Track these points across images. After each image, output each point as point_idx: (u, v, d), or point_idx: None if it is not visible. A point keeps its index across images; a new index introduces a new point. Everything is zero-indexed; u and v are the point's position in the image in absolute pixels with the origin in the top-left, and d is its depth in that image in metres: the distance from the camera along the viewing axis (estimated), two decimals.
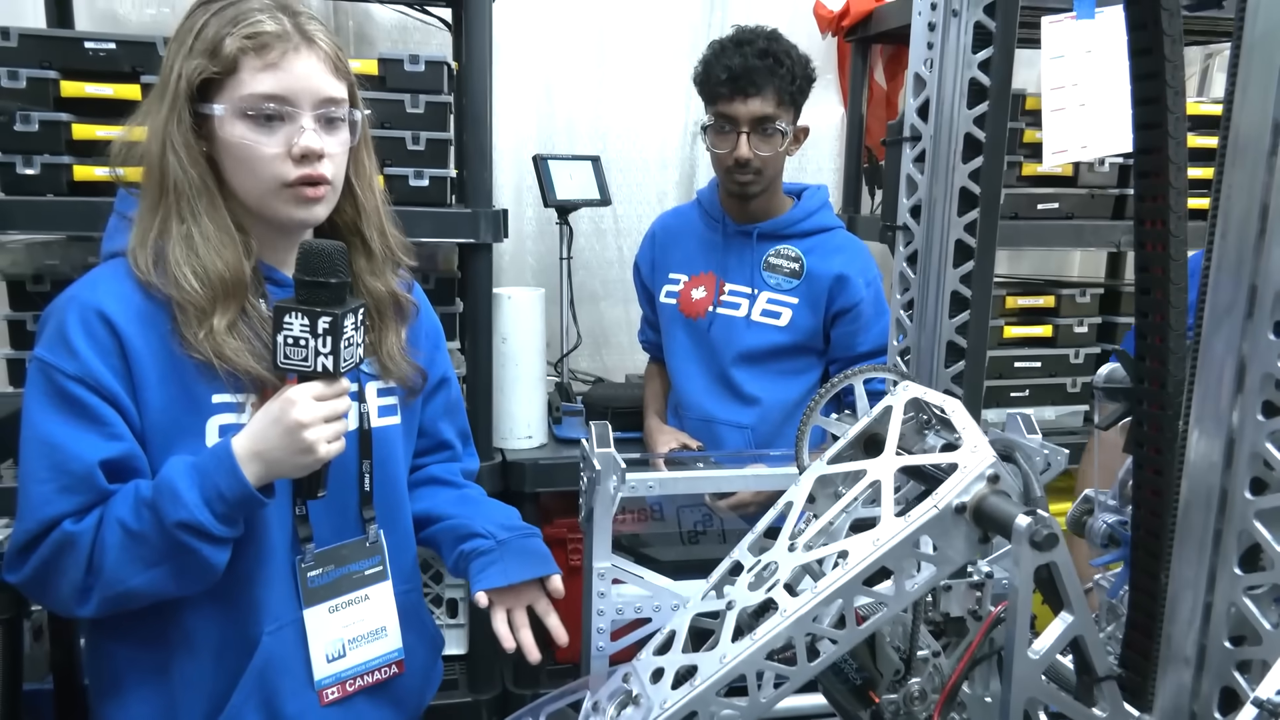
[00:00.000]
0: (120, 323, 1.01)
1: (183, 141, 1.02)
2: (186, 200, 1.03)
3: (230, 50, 1.00)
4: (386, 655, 1.18)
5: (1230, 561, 0.61)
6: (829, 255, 1.89)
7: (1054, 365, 2.40)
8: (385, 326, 1.18)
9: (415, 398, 1.23)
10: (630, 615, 1.16)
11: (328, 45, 1.06)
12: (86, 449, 0.99)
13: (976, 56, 0.91)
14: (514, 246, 2.61)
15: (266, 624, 1.08)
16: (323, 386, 0.98)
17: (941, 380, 0.97)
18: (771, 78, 1.78)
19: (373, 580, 1.17)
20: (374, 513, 1.16)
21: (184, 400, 1.03)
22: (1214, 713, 0.63)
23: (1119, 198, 2.38)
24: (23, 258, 1.89)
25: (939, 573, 0.70)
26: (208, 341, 1.01)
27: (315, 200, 1.06)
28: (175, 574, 0.99)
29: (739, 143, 1.80)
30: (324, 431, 0.98)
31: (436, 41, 2.41)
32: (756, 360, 1.91)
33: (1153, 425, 0.70)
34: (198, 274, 1.01)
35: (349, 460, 1.12)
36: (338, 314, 0.95)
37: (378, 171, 1.18)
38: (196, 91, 1.02)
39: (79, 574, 0.98)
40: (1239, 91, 0.60)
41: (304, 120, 1.03)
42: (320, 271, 0.95)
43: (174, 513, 0.96)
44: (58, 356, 1.00)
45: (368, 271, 1.16)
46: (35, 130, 1.76)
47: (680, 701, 0.69)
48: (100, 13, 2.31)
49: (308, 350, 0.95)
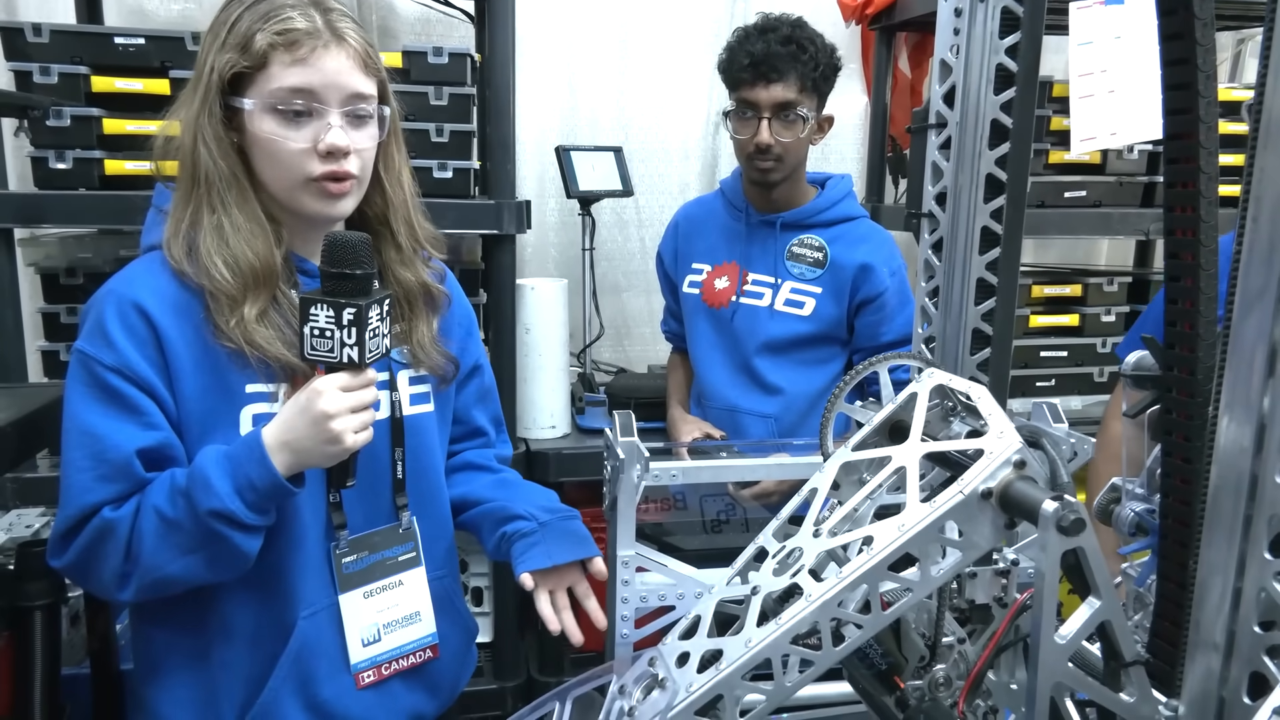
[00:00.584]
0: (156, 315, 1.04)
1: (213, 134, 1.04)
2: (217, 191, 1.05)
3: (261, 45, 1.02)
4: (421, 640, 1.20)
5: (1261, 546, 0.61)
6: (853, 245, 1.89)
7: (1081, 354, 2.38)
8: (416, 316, 1.19)
9: (448, 385, 1.24)
10: (654, 603, 1.17)
11: (358, 42, 1.07)
12: (124, 438, 1.02)
13: (1004, 42, 0.91)
14: (537, 238, 2.62)
15: (301, 609, 1.11)
16: (349, 377, 1.00)
17: (967, 368, 0.97)
18: (794, 64, 1.77)
19: (406, 566, 1.18)
20: (407, 499, 1.18)
21: (218, 389, 1.06)
22: (1243, 698, 0.63)
23: (1148, 185, 2.36)
24: (56, 251, 1.92)
25: (964, 558, 0.70)
26: (238, 330, 1.03)
27: (340, 195, 1.08)
28: (209, 561, 1.02)
29: (760, 128, 1.80)
30: (350, 422, 1.00)
31: (459, 34, 2.42)
32: (780, 350, 1.90)
33: (1182, 413, 0.70)
34: (228, 263, 1.03)
35: (381, 448, 1.14)
36: (362, 305, 0.96)
37: (408, 165, 1.19)
38: (228, 85, 1.04)
39: (118, 560, 1.02)
40: (1271, 76, 0.59)
41: (331, 117, 1.04)
42: (345, 263, 0.96)
43: (207, 501, 0.98)
44: (96, 348, 1.03)
45: (397, 262, 1.17)
46: (67, 125, 1.79)
47: (706, 685, 0.70)
48: (129, 8, 2.34)
49: (333, 341, 0.97)
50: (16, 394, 1.33)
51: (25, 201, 1.80)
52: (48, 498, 1.76)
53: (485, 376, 1.35)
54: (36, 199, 1.81)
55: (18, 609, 1.17)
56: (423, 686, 1.22)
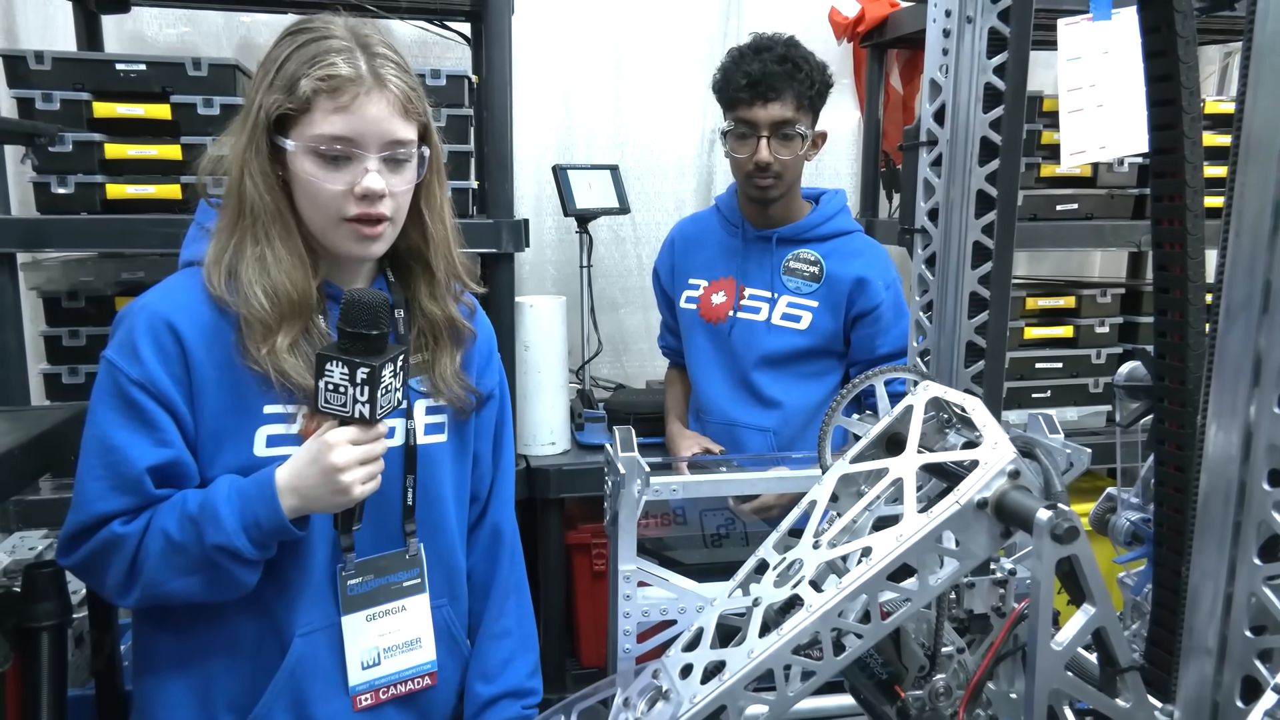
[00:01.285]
0: (186, 334, 1.07)
1: (260, 169, 1.08)
2: (262, 224, 1.08)
3: (305, 90, 1.05)
4: (420, 666, 1.20)
5: (1250, 552, 0.62)
6: (848, 259, 1.91)
7: (1075, 366, 2.40)
8: (440, 349, 1.21)
9: (466, 417, 1.26)
10: (656, 617, 1.18)
11: (399, 88, 1.09)
12: (137, 454, 1.05)
13: (991, 61, 0.93)
14: (534, 256, 2.64)
15: (300, 627, 1.12)
16: (359, 432, 1.03)
17: (961, 380, 0.98)
18: (790, 83, 1.80)
19: (411, 592, 1.19)
20: (415, 526, 1.19)
21: (237, 408, 1.09)
22: (1236, 701, 0.64)
23: (1138, 198, 2.38)
24: (58, 275, 1.93)
25: (962, 567, 0.71)
26: (269, 358, 1.07)
27: (372, 238, 1.11)
28: (208, 584, 1.06)
29: (759, 147, 1.82)
30: (359, 474, 1.04)
31: (455, 55, 2.45)
32: (777, 364, 1.92)
33: (1174, 422, 0.72)
34: (268, 293, 1.07)
35: (393, 474, 1.15)
36: (375, 365, 1.00)
37: (449, 200, 1.22)
38: (274, 124, 1.07)
39: (122, 572, 1.06)
40: (1250, 91, 0.61)
41: (369, 161, 1.07)
42: (362, 323, 1.00)
43: (214, 535, 1.03)
44: (124, 360, 1.06)
45: (426, 295, 1.20)
46: (69, 150, 1.81)
47: (710, 696, 0.71)
48: (129, 34, 2.37)
49: (346, 397, 1.01)
50: (21, 417, 1.34)
51: (28, 226, 1.82)
52: (50, 520, 1.76)
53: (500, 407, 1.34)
54: (39, 224, 1.82)
55: (25, 630, 1.18)
56: (417, 714, 1.22)
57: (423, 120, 1.13)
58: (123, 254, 2.00)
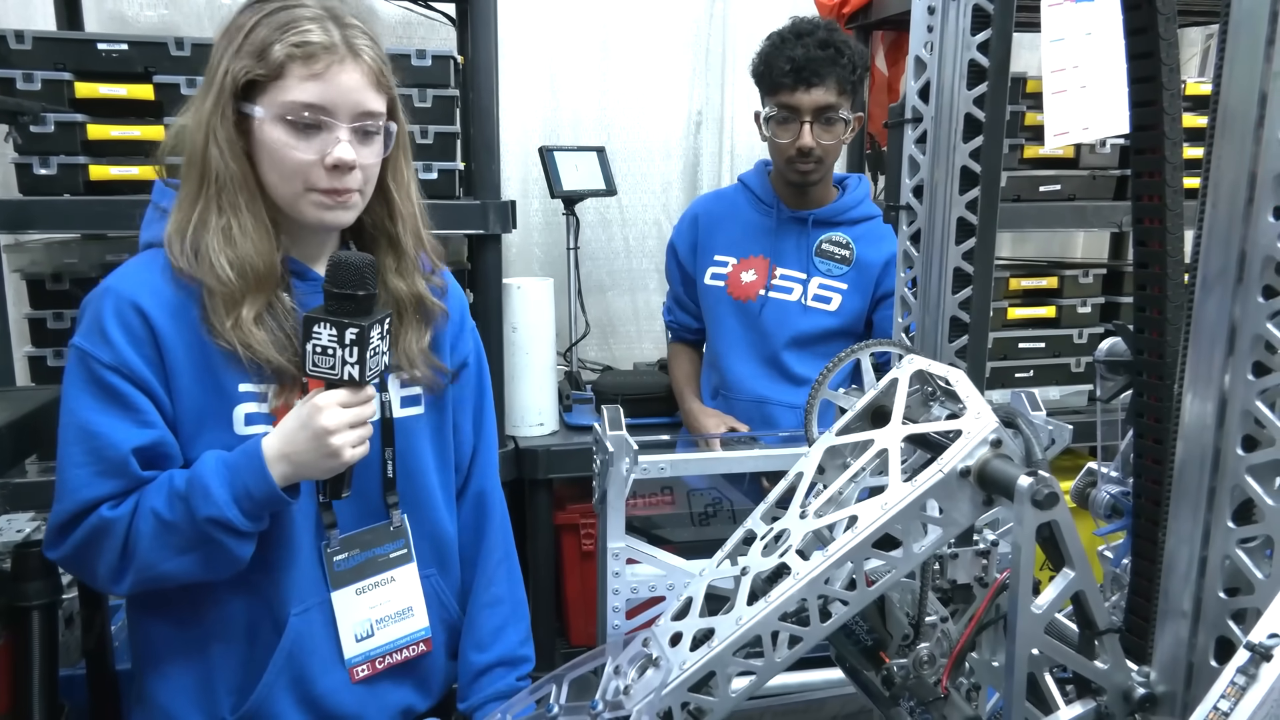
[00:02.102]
0: (153, 314, 1.05)
1: (225, 136, 1.05)
2: (228, 194, 1.06)
3: (278, 56, 1.03)
4: (413, 634, 1.21)
5: (1224, 516, 0.64)
6: (876, 242, 1.94)
7: (1058, 345, 2.43)
8: (406, 327, 1.20)
9: (439, 391, 1.25)
10: (644, 594, 1.19)
11: (372, 60, 1.09)
12: (121, 436, 1.03)
13: (975, 38, 0.93)
14: (521, 238, 2.64)
15: (293, 606, 1.12)
16: (348, 394, 1.02)
17: (945, 354, 1.00)
18: (834, 68, 1.82)
19: (399, 563, 1.20)
20: (396, 498, 1.19)
21: (213, 388, 1.08)
22: (1210, 661, 0.66)
23: (1120, 179, 2.40)
24: (42, 257, 1.92)
25: (945, 534, 0.73)
26: (235, 332, 1.05)
27: (341, 206, 1.09)
28: (203, 561, 1.04)
29: (802, 132, 1.84)
30: (349, 437, 1.02)
31: (441, 36, 2.43)
32: (807, 344, 1.95)
33: (1152, 395, 0.73)
34: (233, 264, 1.05)
35: (371, 448, 1.14)
36: (364, 325, 0.98)
37: (416, 177, 1.21)
38: (241, 90, 1.05)
39: (114, 557, 1.04)
40: (1227, 66, 0.62)
41: (340, 131, 1.06)
42: (349, 284, 0.98)
43: (204, 508, 1.01)
44: (94, 345, 1.04)
45: (393, 271, 1.18)
46: (51, 131, 1.79)
47: (699, 662, 0.72)
48: (109, 13, 2.35)
49: (335, 359, 0.99)
50: (8, 397, 1.33)
51: (10, 208, 1.80)
52: (36, 502, 1.76)
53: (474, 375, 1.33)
54: (21, 205, 1.81)
55: (15, 609, 1.18)
56: (414, 681, 1.24)
57: (391, 94, 1.12)
58: (106, 236, 1.99)
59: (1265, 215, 0.60)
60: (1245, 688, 0.53)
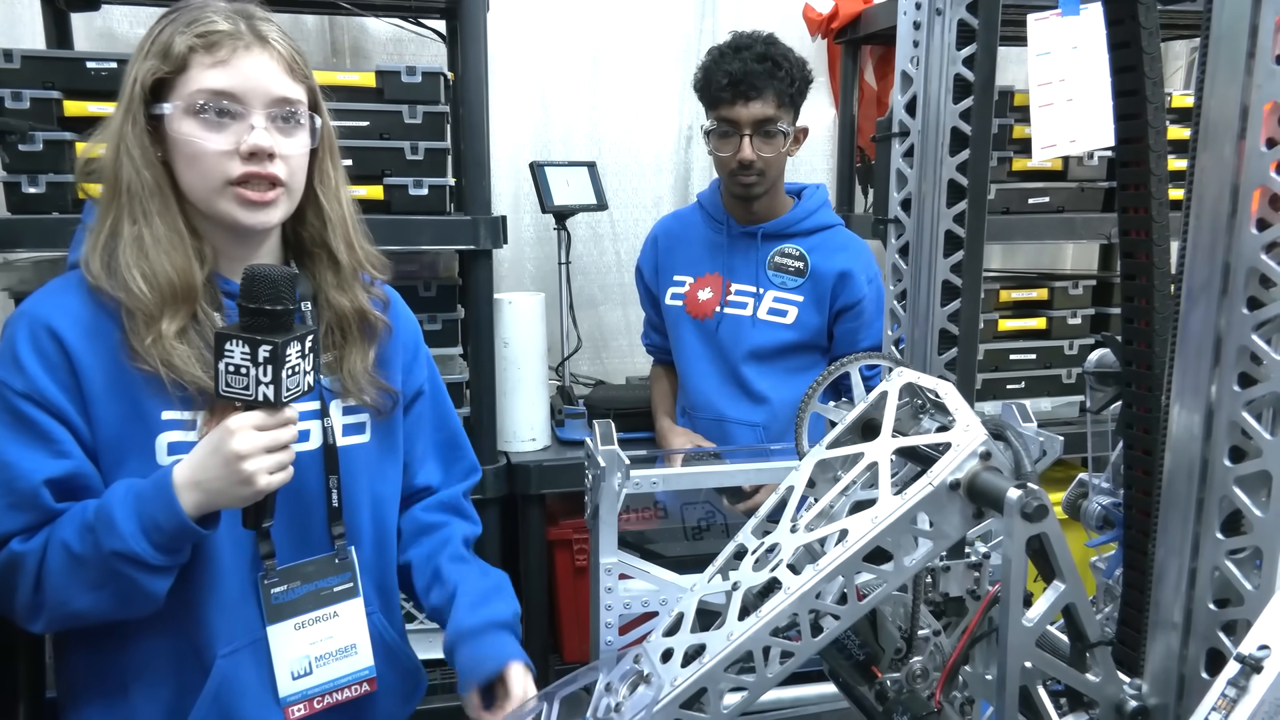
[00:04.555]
0: (69, 338, 1.00)
1: (137, 143, 1.01)
2: (139, 201, 1.01)
3: (181, 49, 1.00)
4: (356, 673, 1.15)
5: (1213, 527, 0.64)
6: (832, 253, 1.93)
7: (1049, 357, 2.43)
8: (349, 345, 1.14)
9: (386, 417, 1.19)
10: (637, 610, 1.19)
11: (282, 47, 1.05)
12: (33, 467, 0.98)
13: (960, 53, 0.94)
14: (513, 253, 2.64)
15: (220, 647, 1.06)
16: (264, 416, 0.95)
17: (935, 367, 1.00)
18: (771, 80, 1.82)
19: (343, 597, 1.14)
20: (344, 529, 1.14)
21: (133, 416, 1.02)
22: (1201, 673, 0.65)
23: (1109, 191, 2.41)
24: (30, 275, 1.91)
25: (936, 548, 0.73)
26: (155, 348, 1.00)
27: (264, 204, 1.03)
28: (115, 598, 0.98)
29: (742, 145, 1.84)
30: (264, 462, 0.95)
31: (431, 53, 2.44)
32: (765, 358, 1.94)
33: (1141, 406, 0.73)
34: (147, 277, 1.00)
35: (313, 477, 1.11)
36: (278, 343, 0.92)
37: (345, 181, 1.15)
38: (150, 93, 1.01)
39: (27, 593, 0.99)
40: (1209, 79, 0.62)
41: (254, 118, 1.01)
42: (262, 298, 0.92)
43: (110, 542, 0.95)
44: (7, 373, 1.00)
45: (333, 286, 1.13)
46: (39, 150, 1.79)
47: (691, 678, 0.72)
48: (98, 31, 2.34)
49: (249, 379, 0.93)
50: None
51: None
52: None
53: (432, 401, 1.29)
54: (10, 224, 1.80)
55: None
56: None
57: (310, 84, 1.08)
58: None
59: (1248, 227, 0.60)
60: (1236, 700, 0.53)
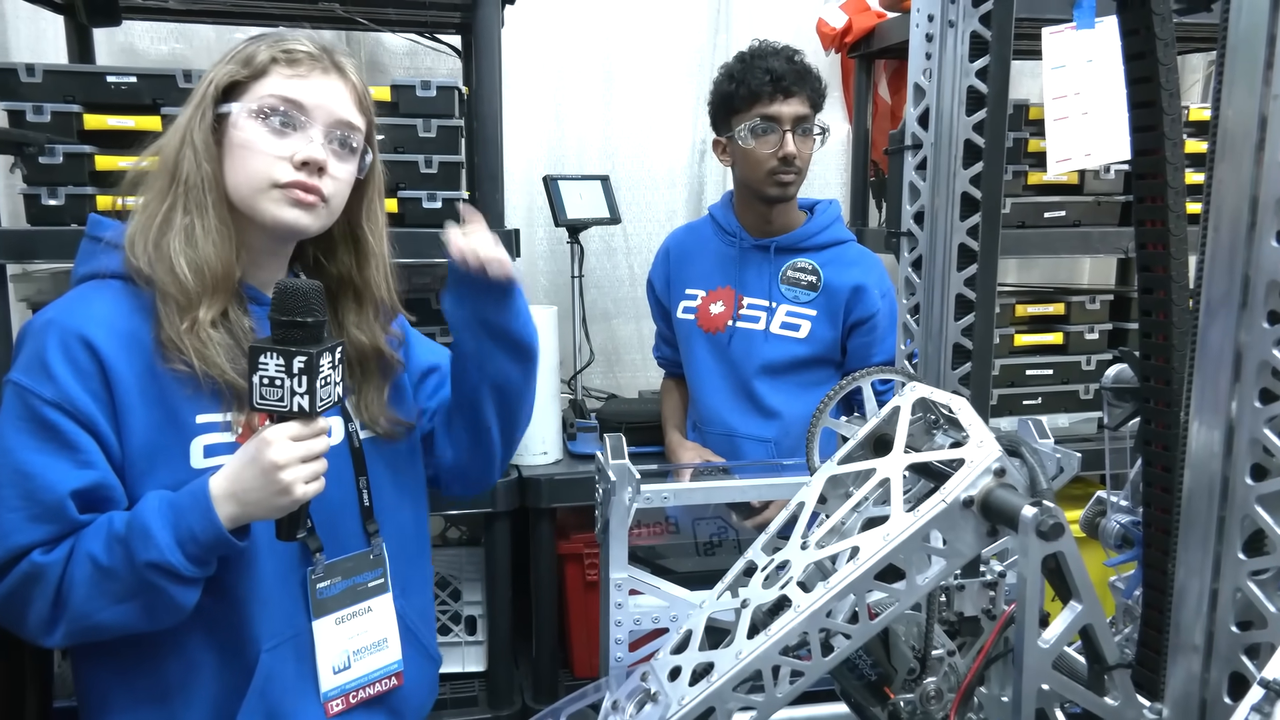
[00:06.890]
0: (102, 346, 1.00)
1: (202, 139, 1.04)
2: (195, 194, 1.04)
3: (263, 59, 1.05)
4: (387, 667, 1.18)
5: (1234, 547, 0.62)
6: (845, 267, 1.92)
7: (1066, 372, 2.41)
8: (366, 379, 1.17)
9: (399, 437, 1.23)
10: (648, 625, 1.17)
11: (356, 80, 1.10)
12: (58, 478, 0.98)
13: (973, 65, 0.93)
14: (526, 266, 2.64)
15: (265, 641, 1.07)
16: (299, 426, 0.97)
17: (949, 382, 0.99)
18: (806, 80, 1.86)
19: (375, 592, 1.17)
20: (377, 525, 1.17)
21: (167, 423, 1.03)
22: (1224, 698, 0.64)
23: (1125, 204, 2.39)
24: (48, 286, 1.93)
25: (949, 566, 0.71)
26: (189, 337, 1.01)
27: (306, 205, 1.05)
28: (143, 610, 0.99)
29: (785, 140, 1.85)
30: (301, 472, 0.96)
31: (447, 67, 2.46)
32: (777, 373, 1.93)
33: (1159, 422, 0.72)
34: (192, 264, 1.02)
35: (343, 476, 1.13)
36: (313, 353, 0.93)
37: (388, 223, 1.20)
38: (221, 93, 1.05)
39: (45, 606, 0.98)
40: (1226, 89, 0.61)
41: (313, 132, 1.05)
42: (296, 310, 0.93)
43: (145, 553, 0.95)
44: (35, 381, 0.99)
45: (355, 324, 1.16)
46: (59, 162, 1.80)
47: (698, 698, 0.71)
48: (120, 46, 2.37)
49: (283, 390, 0.94)
50: None
51: (18, 238, 1.81)
52: None
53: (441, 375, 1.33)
54: (29, 235, 1.82)
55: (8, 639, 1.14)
56: (386, 715, 1.19)
57: (370, 120, 1.12)
58: None
59: (1268, 239, 0.59)
60: None
